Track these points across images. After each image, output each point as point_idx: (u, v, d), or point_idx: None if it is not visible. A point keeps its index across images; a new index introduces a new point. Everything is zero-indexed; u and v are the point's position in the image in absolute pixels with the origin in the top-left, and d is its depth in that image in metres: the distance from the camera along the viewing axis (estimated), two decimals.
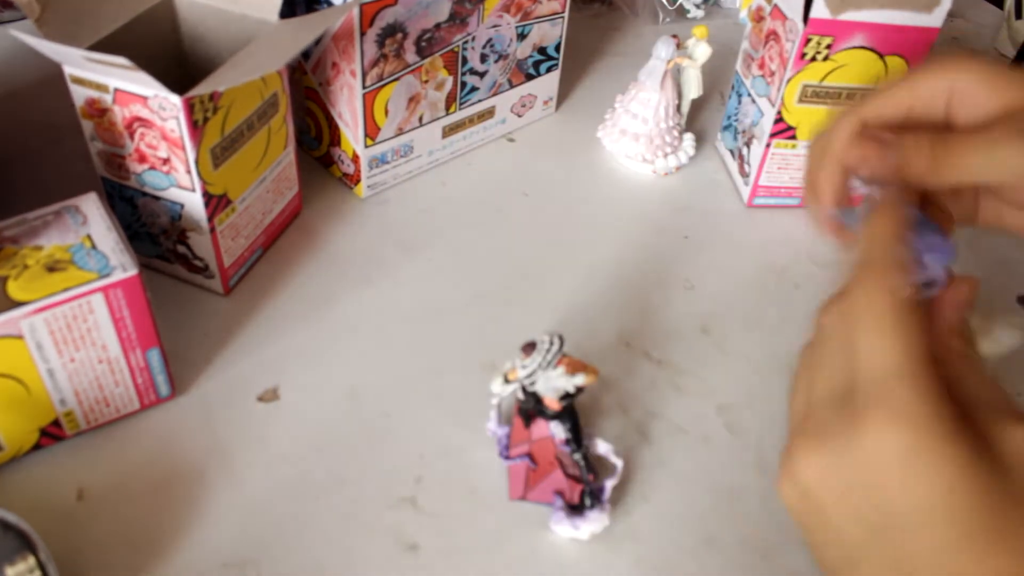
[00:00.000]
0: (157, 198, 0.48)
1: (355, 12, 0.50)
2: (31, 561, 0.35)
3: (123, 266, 0.40)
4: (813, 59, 0.55)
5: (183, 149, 0.45)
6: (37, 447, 0.43)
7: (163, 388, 0.46)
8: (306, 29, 0.49)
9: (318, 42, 0.54)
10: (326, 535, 0.42)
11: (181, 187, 0.47)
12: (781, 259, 0.60)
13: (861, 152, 0.33)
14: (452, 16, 0.56)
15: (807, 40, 0.54)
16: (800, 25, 0.54)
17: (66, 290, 0.39)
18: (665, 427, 0.48)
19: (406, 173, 0.62)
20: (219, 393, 0.47)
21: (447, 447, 0.46)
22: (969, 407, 0.27)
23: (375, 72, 0.54)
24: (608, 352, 0.52)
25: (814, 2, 0.52)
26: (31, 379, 0.40)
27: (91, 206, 0.43)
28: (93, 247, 0.41)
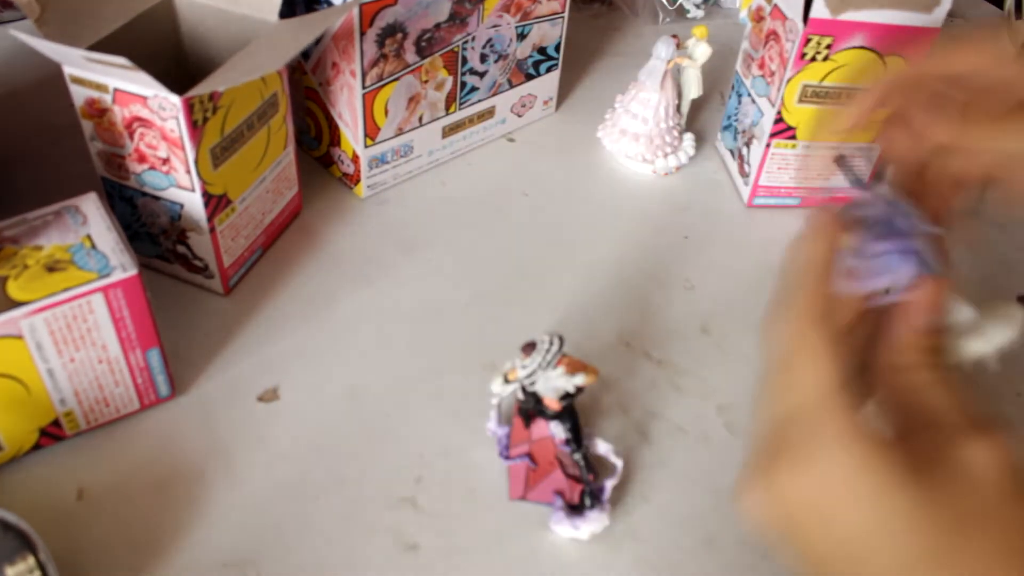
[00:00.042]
0: (157, 198, 0.48)
1: (355, 12, 0.50)
2: (31, 561, 0.35)
3: (123, 266, 0.40)
4: (813, 59, 0.55)
5: (183, 149, 0.45)
6: (37, 447, 0.43)
7: (163, 388, 0.46)
8: (306, 29, 0.49)
9: (318, 42, 0.54)
10: (326, 535, 0.42)
11: (181, 187, 0.47)
12: (781, 259, 0.60)
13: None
14: (452, 16, 0.56)
15: (807, 40, 0.54)
16: (800, 25, 0.54)
17: (66, 290, 0.39)
18: (665, 427, 0.48)
19: (406, 173, 0.62)
20: (219, 393, 0.47)
21: (447, 447, 0.46)
22: (927, 421, 0.28)
23: (375, 72, 0.54)
24: (608, 352, 0.52)
25: (814, 2, 0.52)
26: (31, 379, 0.40)
27: (91, 206, 0.43)
28: (93, 247, 0.41)
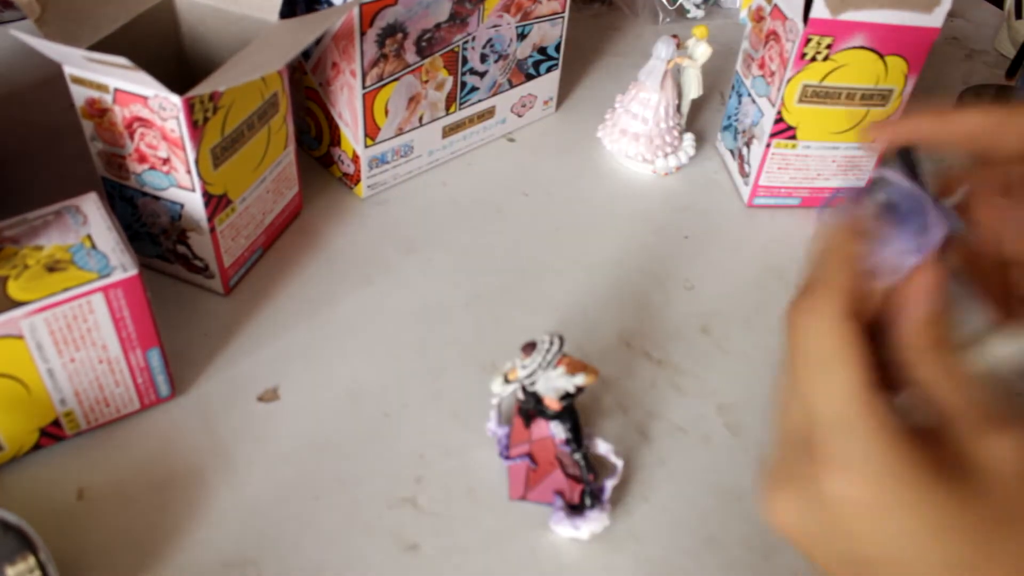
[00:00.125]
0: (157, 198, 0.48)
1: (355, 12, 0.50)
2: (31, 561, 0.35)
3: (123, 266, 0.40)
4: (813, 59, 0.55)
5: (183, 149, 0.45)
6: (37, 447, 0.43)
7: (163, 388, 0.45)
8: (306, 29, 0.49)
9: (318, 42, 0.54)
10: (326, 535, 0.42)
11: (181, 187, 0.47)
12: (781, 259, 0.60)
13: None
14: (452, 16, 0.56)
15: (807, 40, 0.54)
16: (800, 25, 0.54)
17: (66, 290, 0.39)
18: (665, 427, 0.48)
19: (406, 173, 0.62)
20: (219, 393, 0.47)
21: (447, 447, 0.46)
22: (944, 417, 0.27)
23: (375, 72, 0.54)
24: (608, 352, 0.52)
25: (814, 2, 0.52)
26: (31, 379, 0.40)
27: (91, 206, 0.43)
28: (93, 247, 0.41)
